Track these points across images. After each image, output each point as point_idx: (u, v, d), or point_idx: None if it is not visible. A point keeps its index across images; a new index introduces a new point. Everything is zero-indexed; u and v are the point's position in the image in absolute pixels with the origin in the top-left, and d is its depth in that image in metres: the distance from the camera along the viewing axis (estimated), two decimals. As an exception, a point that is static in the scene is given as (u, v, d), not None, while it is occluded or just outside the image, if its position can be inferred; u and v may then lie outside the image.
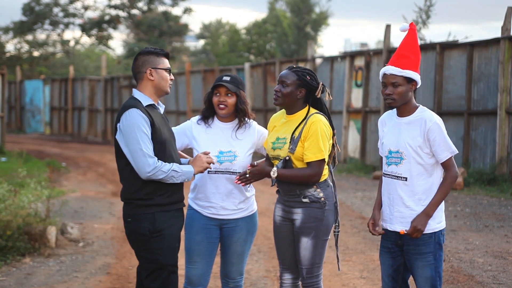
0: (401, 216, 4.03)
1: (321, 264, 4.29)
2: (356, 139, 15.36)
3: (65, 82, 28.02)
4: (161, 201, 4.03)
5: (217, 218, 4.42)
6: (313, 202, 4.21)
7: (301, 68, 4.28)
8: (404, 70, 4.00)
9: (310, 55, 17.09)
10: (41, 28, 33.55)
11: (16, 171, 10.47)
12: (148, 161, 3.92)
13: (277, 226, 4.37)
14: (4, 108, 17.39)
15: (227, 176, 4.40)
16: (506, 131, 11.44)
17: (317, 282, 4.29)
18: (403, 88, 4.00)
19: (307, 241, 4.21)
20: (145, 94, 4.09)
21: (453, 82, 12.72)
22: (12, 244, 7.10)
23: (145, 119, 3.97)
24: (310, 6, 31.80)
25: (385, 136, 4.13)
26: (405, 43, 4.09)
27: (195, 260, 4.41)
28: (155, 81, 4.09)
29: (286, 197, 4.29)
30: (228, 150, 4.40)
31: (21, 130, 29.64)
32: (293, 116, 4.28)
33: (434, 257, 3.98)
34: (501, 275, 6.21)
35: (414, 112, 4.03)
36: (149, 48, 4.16)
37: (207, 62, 36.92)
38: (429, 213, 3.96)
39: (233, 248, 4.45)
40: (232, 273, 4.49)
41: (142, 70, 4.09)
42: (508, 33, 11.46)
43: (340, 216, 9.27)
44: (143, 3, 33.31)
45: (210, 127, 4.47)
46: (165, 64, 4.13)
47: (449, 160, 3.96)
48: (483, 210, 9.42)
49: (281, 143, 4.24)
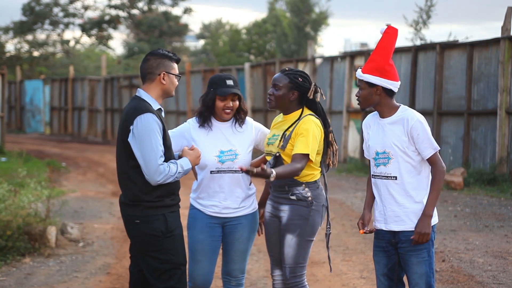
0: (395, 215, 4.08)
1: (304, 265, 4.34)
2: (356, 139, 15.36)
3: (65, 82, 28.01)
4: (169, 203, 4.08)
5: (220, 216, 4.44)
6: (300, 200, 4.29)
7: (293, 71, 4.37)
8: (364, 75, 4.11)
9: (310, 55, 17.09)
10: (41, 28, 33.58)
11: (16, 171, 10.47)
12: (159, 169, 3.94)
13: (266, 222, 4.47)
14: (4, 108, 17.39)
15: (229, 175, 4.42)
16: (506, 131, 11.44)
17: (301, 282, 4.33)
18: (365, 92, 4.13)
19: (291, 238, 4.27)
20: (152, 97, 4.09)
21: (453, 82, 12.72)
22: (12, 244, 7.10)
23: (159, 125, 3.99)
24: (309, 6, 31.77)
25: (370, 139, 4.20)
26: (377, 47, 4.17)
27: (199, 259, 4.43)
28: (166, 86, 4.10)
29: (275, 193, 4.38)
30: (229, 149, 4.43)
31: (21, 130, 29.64)
32: (288, 116, 4.39)
33: (428, 253, 4.05)
34: (501, 275, 6.21)
35: (395, 112, 4.11)
36: (163, 50, 4.13)
37: (207, 62, 36.91)
38: (429, 214, 4.01)
39: (235, 246, 4.47)
40: (234, 271, 4.49)
41: (155, 72, 4.07)
42: (508, 33, 11.46)
43: (340, 216, 9.37)
44: (143, 3, 33.35)
45: (208, 128, 4.48)
46: (176, 69, 4.14)
47: (434, 155, 4.04)
48: (483, 210, 9.42)
49: (274, 139, 4.36)
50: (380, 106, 4.12)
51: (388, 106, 4.11)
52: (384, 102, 4.11)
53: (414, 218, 4.04)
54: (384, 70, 4.09)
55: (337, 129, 16.10)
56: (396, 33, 4.16)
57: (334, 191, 11.60)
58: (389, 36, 4.14)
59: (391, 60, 4.15)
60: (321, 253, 7.25)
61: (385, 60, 4.10)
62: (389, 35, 4.14)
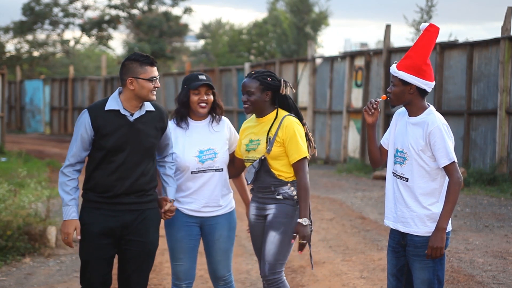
0: (402, 216, 4.02)
1: (284, 262, 4.37)
2: (356, 139, 15.36)
3: (65, 82, 28.03)
4: (92, 198, 4.16)
5: (198, 216, 4.49)
6: (286, 199, 4.34)
7: (260, 72, 4.42)
8: (399, 72, 3.98)
9: (310, 55, 17.09)
10: (41, 28, 33.55)
11: (16, 171, 10.47)
12: (67, 160, 4.11)
13: (252, 224, 4.50)
14: (4, 108, 17.40)
15: (210, 174, 4.47)
16: (506, 131, 11.44)
17: (279, 279, 4.35)
18: (397, 89, 3.99)
19: (274, 235, 4.31)
20: (120, 99, 4.13)
21: (453, 82, 12.72)
22: (12, 244, 7.10)
23: (86, 124, 4.07)
24: (309, 6, 31.79)
25: (395, 133, 4.11)
26: (416, 44, 4.03)
27: (180, 257, 4.49)
28: (135, 91, 4.10)
29: (260, 194, 4.42)
30: (207, 148, 4.48)
31: (21, 130, 29.64)
32: (263, 119, 4.43)
33: (433, 260, 3.94)
34: (501, 275, 6.21)
35: (421, 113, 4.00)
36: (135, 54, 4.15)
37: (207, 62, 36.92)
38: (442, 227, 3.88)
39: (216, 245, 4.51)
40: (219, 270, 4.54)
41: (124, 77, 4.12)
42: (508, 33, 11.46)
43: (340, 216, 9.36)
44: (143, 3, 33.32)
45: (186, 128, 4.52)
46: (147, 73, 4.10)
47: (449, 166, 3.90)
48: (483, 210, 9.42)
49: (255, 145, 4.39)
50: (410, 105, 4.01)
51: (417, 106, 4.00)
52: (415, 101, 3.99)
53: (419, 222, 3.96)
54: (420, 69, 3.96)
55: (337, 129, 16.10)
56: (437, 32, 4.04)
57: (334, 191, 11.59)
58: (430, 34, 4.01)
59: (429, 59, 4.02)
60: (321, 253, 7.26)
61: (423, 59, 3.97)
62: (430, 33, 4.01)
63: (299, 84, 17.52)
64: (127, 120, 4.11)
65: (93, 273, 4.14)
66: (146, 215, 4.18)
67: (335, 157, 16.19)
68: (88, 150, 4.13)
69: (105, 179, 4.10)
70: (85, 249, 4.14)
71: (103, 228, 4.11)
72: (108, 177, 4.10)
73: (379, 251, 7.26)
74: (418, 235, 3.97)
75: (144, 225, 4.17)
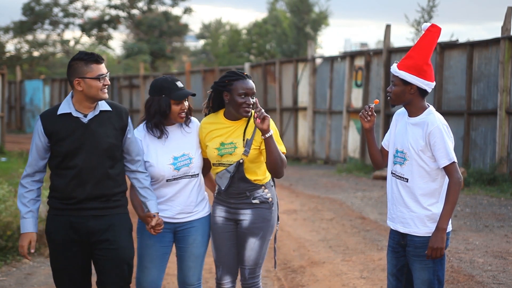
0: (402, 216, 4.02)
1: (262, 264, 4.35)
2: (356, 139, 15.36)
3: (65, 82, 28.01)
4: (55, 205, 4.05)
5: (172, 222, 4.31)
6: (262, 202, 4.28)
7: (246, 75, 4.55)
8: (399, 71, 3.97)
9: (310, 55, 17.09)
10: (41, 28, 33.60)
11: (16, 171, 10.48)
12: (24, 170, 4.04)
13: (218, 226, 4.35)
14: (4, 108, 17.40)
15: (185, 181, 4.30)
16: (506, 131, 11.44)
17: (258, 282, 4.34)
18: (398, 89, 3.98)
19: (254, 242, 4.26)
20: (71, 101, 4.00)
21: (453, 82, 12.72)
22: (12, 244, 7.10)
23: (39, 131, 3.97)
24: (309, 6, 31.78)
25: (395, 134, 4.11)
26: (417, 44, 4.02)
27: (147, 266, 4.28)
28: (84, 91, 3.94)
29: (233, 200, 4.29)
30: (181, 154, 4.28)
31: (21, 130, 29.63)
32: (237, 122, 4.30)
33: (433, 260, 3.93)
34: (501, 275, 6.21)
35: (420, 114, 3.99)
36: (79, 53, 3.99)
37: (207, 62, 36.92)
38: (442, 227, 3.87)
39: (190, 250, 4.32)
40: (190, 277, 4.34)
41: (71, 79, 3.98)
42: (508, 33, 11.46)
43: (340, 216, 9.37)
44: (143, 3, 33.34)
45: (158, 135, 4.28)
46: (94, 71, 3.95)
47: (449, 166, 3.89)
48: (483, 210, 9.42)
49: (231, 148, 4.24)
50: (409, 105, 4.01)
51: (417, 107, 3.99)
52: (415, 101, 3.98)
53: (419, 223, 3.96)
54: (421, 70, 3.95)
55: (337, 129, 16.10)
56: (439, 32, 4.02)
57: (334, 191, 11.60)
58: (431, 34, 4.00)
59: (430, 60, 4.01)
60: (321, 253, 7.26)
61: (424, 59, 3.96)
62: (432, 33, 4.00)
63: (299, 84, 17.52)
64: (81, 122, 3.96)
65: (65, 283, 4.02)
66: (113, 222, 4.01)
67: (335, 157, 16.20)
68: (45, 159, 4.00)
69: (65, 185, 3.95)
70: (52, 257, 4.03)
71: (67, 235, 3.97)
72: (68, 183, 3.95)
73: (379, 251, 7.26)
74: (418, 236, 3.97)
75: (112, 232, 4.00)
